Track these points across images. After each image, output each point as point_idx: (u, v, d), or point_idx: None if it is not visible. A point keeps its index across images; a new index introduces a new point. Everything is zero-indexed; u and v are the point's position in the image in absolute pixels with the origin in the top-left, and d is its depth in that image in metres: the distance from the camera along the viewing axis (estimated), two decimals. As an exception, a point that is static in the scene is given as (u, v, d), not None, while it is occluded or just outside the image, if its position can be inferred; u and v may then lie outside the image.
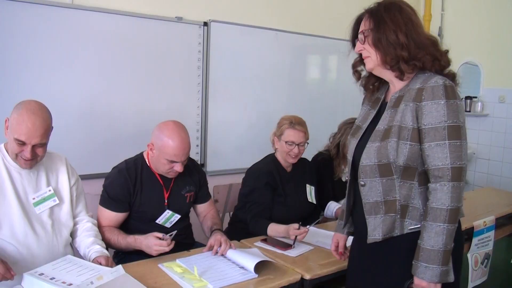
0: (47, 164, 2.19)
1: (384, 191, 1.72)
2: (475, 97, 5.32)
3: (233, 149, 4.15)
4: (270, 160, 2.95)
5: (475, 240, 3.12)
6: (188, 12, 3.78)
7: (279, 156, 2.94)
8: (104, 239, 2.32)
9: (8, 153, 2.06)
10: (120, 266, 1.88)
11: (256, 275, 2.05)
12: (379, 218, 1.72)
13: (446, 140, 1.62)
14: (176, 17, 3.71)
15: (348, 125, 3.19)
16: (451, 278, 1.63)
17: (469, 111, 5.29)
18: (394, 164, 1.68)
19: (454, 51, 5.48)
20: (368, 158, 1.74)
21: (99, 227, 2.38)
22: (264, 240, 2.51)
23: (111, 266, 1.98)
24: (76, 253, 2.23)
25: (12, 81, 3.04)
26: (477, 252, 3.20)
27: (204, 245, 2.45)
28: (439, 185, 1.62)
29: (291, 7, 4.42)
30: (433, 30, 5.60)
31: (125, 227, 2.47)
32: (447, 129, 1.62)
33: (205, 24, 3.87)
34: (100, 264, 1.99)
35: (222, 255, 2.25)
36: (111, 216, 2.42)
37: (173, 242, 2.19)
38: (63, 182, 2.23)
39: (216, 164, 4.02)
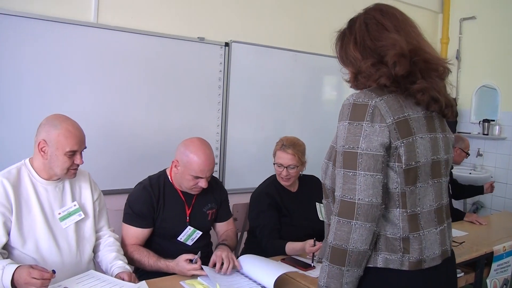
0: (71, 180, 2.22)
1: (326, 213, 1.62)
2: (493, 120, 5.31)
3: (251, 167, 4.17)
4: (271, 181, 2.95)
5: (494, 266, 3.08)
6: (210, 32, 3.84)
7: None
8: (133, 260, 2.34)
9: (34, 169, 2.10)
10: (143, 282, 1.90)
11: None
12: (324, 241, 1.61)
13: (342, 168, 1.44)
14: (198, 38, 3.77)
15: None
16: None
17: (487, 134, 5.27)
18: (324, 185, 1.60)
19: (472, 74, 5.54)
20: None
21: (125, 245, 2.39)
22: (283, 260, 2.50)
23: (134, 282, 1.98)
24: (97, 267, 2.24)
25: (36, 98, 3.10)
26: (496, 278, 3.15)
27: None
28: (332, 216, 1.45)
29: (308, 28, 4.47)
30: (450, 53, 5.64)
31: (147, 244, 2.48)
32: (343, 156, 1.44)
33: (227, 44, 3.92)
34: (123, 279, 2.00)
35: (241, 270, 2.25)
36: (136, 233, 2.42)
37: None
38: (87, 197, 2.26)
39: (234, 183, 4.04)
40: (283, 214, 2.83)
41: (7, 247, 2.00)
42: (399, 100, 1.46)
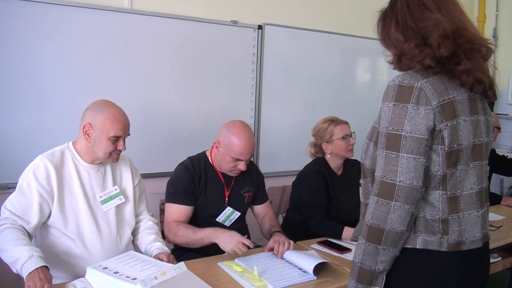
0: (113, 165, 2.27)
1: (364, 193, 1.63)
2: (531, 101, 5.14)
3: (285, 150, 4.17)
4: (320, 162, 2.95)
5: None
6: (243, 15, 3.84)
7: (329, 160, 2.93)
8: (176, 236, 2.37)
9: (77, 152, 2.15)
10: (182, 263, 1.93)
11: (315, 277, 2.05)
12: (360, 220, 1.63)
13: (384, 149, 1.43)
14: (231, 21, 3.77)
15: None
16: None
17: (522, 115, 5.13)
18: (363, 165, 1.60)
19: (510, 54, 5.36)
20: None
21: (168, 223, 2.43)
22: (321, 243, 2.51)
23: (173, 263, 2.02)
24: (137, 250, 2.28)
25: (72, 85, 3.16)
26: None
27: (259, 246, 2.50)
28: (371, 196, 1.46)
29: (343, 9, 4.40)
30: (487, 32, 5.47)
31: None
32: (387, 137, 1.43)
33: (260, 27, 3.91)
34: (162, 260, 2.04)
35: (283, 258, 2.26)
36: (180, 211, 2.45)
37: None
38: (128, 181, 2.31)
39: (269, 166, 4.04)
40: (330, 197, 2.84)
41: (46, 227, 2.06)
42: (444, 81, 1.44)
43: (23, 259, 1.78)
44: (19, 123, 3.03)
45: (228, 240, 2.21)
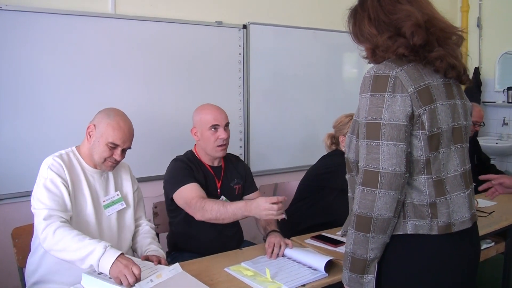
0: (114, 171, 2.28)
1: (351, 187, 1.65)
2: (517, 88, 5.19)
3: (275, 149, 4.18)
4: (340, 153, 2.93)
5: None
6: (227, 16, 3.85)
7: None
8: (204, 209, 2.30)
9: (81, 157, 2.16)
10: (177, 264, 1.94)
11: (327, 274, 2.05)
12: (349, 214, 1.64)
13: (365, 139, 1.47)
14: (216, 22, 3.78)
15: None
16: None
17: (511, 103, 5.17)
18: (348, 159, 1.63)
19: (494, 42, 5.42)
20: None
21: (189, 203, 2.36)
22: (315, 237, 2.53)
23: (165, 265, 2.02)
24: (135, 255, 2.28)
25: (58, 93, 3.15)
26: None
27: (253, 244, 2.54)
28: (356, 186, 1.49)
29: (327, 5, 4.41)
30: (471, 22, 5.54)
31: (182, 216, 2.52)
32: (366, 127, 1.46)
33: (244, 27, 3.92)
34: (151, 261, 2.02)
35: (285, 256, 2.26)
36: (192, 188, 2.41)
37: (283, 215, 2.16)
38: (128, 187, 2.33)
39: (260, 165, 4.06)
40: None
41: None
42: (419, 68, 1.48)
43: (98, 253, 1.78)
44: (11, 132, 3.02)
45: (258, 211, 2.15)
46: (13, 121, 3.02)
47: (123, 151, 2.15)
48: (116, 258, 1.76)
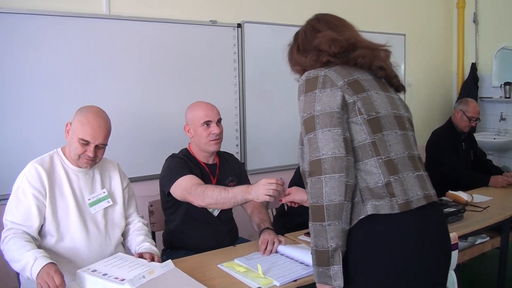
0: (101, 168, 2.32)
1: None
2: (515, 83, 5.20)
3: (271, 147, 4.20)
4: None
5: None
6: (221, 15, 3.87)
7: None
8: (205, 194, 2.28)
9: (66, 157, 2.20)
10: (169, 260, 1.95)
11: None
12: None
13: (305, 135, 1.56)
14: (210, 21, 3.80)
15: None
16: (337, 283, 1.49)
17: (509, 97, 5.17)
18: (303, 171, 1.65)
19: (491, 37, 5.42)
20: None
21: (189, 189, 2.35)
22: (308, 234, 2.53)
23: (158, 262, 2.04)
24: (128, 252, 2.30)
25: (55, 94, 3.17)
26: None
27: (247, 241, 2.56)
28: (307, 181, 1.55)
29: (321, 3, 4.42)
30: (467, 17, 5.56)
31: (177, 214, 2.56)
32: (304, 124, 1.57)
33: (239, 25, 3.94)
34: (144, 259, 2.04)
35: (278, 252, 2.27)
36: (191, 178, 2.42)
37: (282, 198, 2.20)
38: (116, 185, 2.35)
39: (256, 163, 4.08)
40: None
41: (41, 230, 2.09)
42: (346, 68, 1.63)
43: (30, 264, 1.84)
44: (6, 134, 3.05)
45: (257, 190, 2.13)
46: (12, 122, 3.06)
47: (97, 148, 2.15)
48: (42, 267, 1.81)
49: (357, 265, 1.53)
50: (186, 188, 2.37)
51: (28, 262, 1.85)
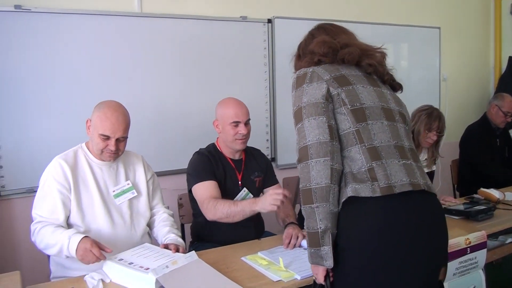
0: (125, 161, 2.39)
1: None
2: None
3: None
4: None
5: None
6: (252, 11, 3.89)
7: None
8: (216, 209, 2.40)
9: (89, 151, 2.28)
10: (193, 252, 2.01)
11: None
12: None
13: (295, 126, 1.66)
14: (241, 17, 3.83)
15: (422, 112, 3.17)
16: (327, 263, 1.56)
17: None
18: None
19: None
20: None
21: (203, 203, 2.47)
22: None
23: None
24: (154, 242, 2.37)
25: (90, 89, 3.28)
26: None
27: (273, 234, 2.58)
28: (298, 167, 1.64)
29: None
30: (504, 9, 5.42)
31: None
32: (294, 116, 1.67)
33: (269, 21, 3.96)
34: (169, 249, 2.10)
35: (302, 247, 2.30)
36: (208, 186, 2.51)
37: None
38: (140, 177, 2.41)
39: (287, 158, 4.08)
40: None
41: (68, 222, 2.18)
42: (334, 65, 1.74)
43: (65, 244, 1.96)
44: (40, 130, 3.17)
45: (264, 201, 2.26)
46: (46, 119, 3.18)
47: (118, 141, 2.21)
48: (78, 244, 1.93)
49: (342, 247, 1.58)
50: (200, 199, 2.51)
51: (63, 243, 1.97)
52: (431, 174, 3.39)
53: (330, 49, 1.75)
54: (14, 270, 1.99)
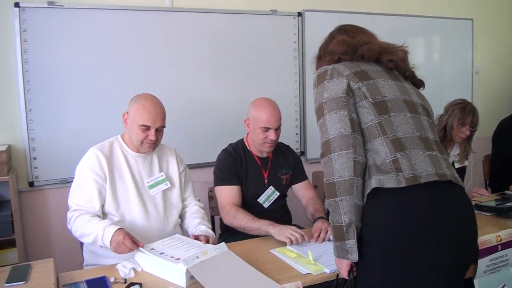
0: (159, 153, 2.45)
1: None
2: None
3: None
4: None
5: None
6: (282, 4, 3.90)
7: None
8: (235, 218, 2.48)
9: (125, 143, 2.34)
10: (223, 243, 2.02)
11: None
12: None
13: (317, 123, 1.69)
14: (271, 10, 3.84)
15: (455, 106, 3.13)
16: (352, 257, 1.57)
17: None
18: None
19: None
20: None
21: (223, 208, 2.56)
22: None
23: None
24: (186, 234, 2.40)
25: (124, 83, 3.35)
26: None
27: (302, 227, 2.57)
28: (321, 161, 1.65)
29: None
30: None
31: None
32: (316, 113, 1.70)
33: (299, 14, 3.96)
34: (199, 240, 2.14)
35: (331, 241, 2.30)
36: (231, 191, 2.58)
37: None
38: (173, 169, 2.47)
39: (316, 152, 4.04)
40: None
41: (102, 211, 2.24)
42: (355, 62, 1.76)
43: (100, 235, 2.03)
44: (73, 123, 3.26)
45: (281, 231, 2.28)
46: (80, 112, 3.26)
47: (157, 131, 2.28)
48: (112, 236, 2.00)
49: (367, 240, 1.58)
50: (221, 202, 2.59)
51: (98, 233, 2.03)
52: (463, 170, 3.35)
53: (350, 47, 1.78)
54: (47, 257, 2.05)
